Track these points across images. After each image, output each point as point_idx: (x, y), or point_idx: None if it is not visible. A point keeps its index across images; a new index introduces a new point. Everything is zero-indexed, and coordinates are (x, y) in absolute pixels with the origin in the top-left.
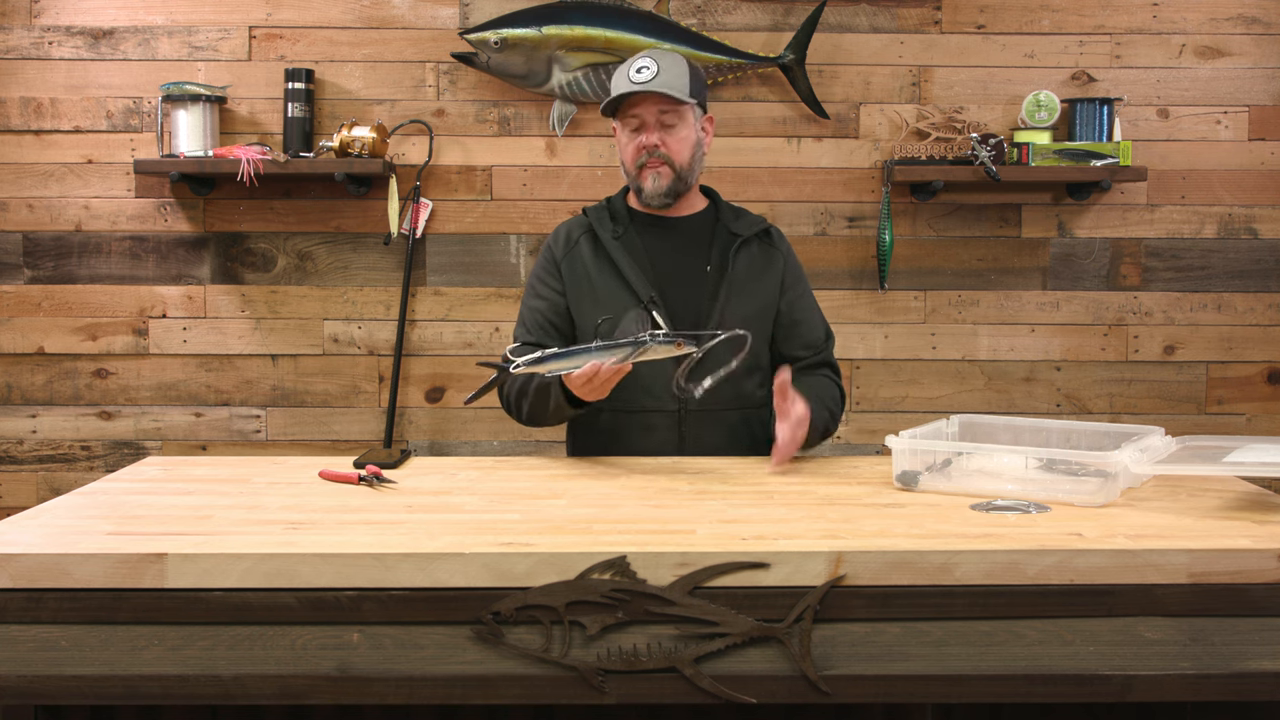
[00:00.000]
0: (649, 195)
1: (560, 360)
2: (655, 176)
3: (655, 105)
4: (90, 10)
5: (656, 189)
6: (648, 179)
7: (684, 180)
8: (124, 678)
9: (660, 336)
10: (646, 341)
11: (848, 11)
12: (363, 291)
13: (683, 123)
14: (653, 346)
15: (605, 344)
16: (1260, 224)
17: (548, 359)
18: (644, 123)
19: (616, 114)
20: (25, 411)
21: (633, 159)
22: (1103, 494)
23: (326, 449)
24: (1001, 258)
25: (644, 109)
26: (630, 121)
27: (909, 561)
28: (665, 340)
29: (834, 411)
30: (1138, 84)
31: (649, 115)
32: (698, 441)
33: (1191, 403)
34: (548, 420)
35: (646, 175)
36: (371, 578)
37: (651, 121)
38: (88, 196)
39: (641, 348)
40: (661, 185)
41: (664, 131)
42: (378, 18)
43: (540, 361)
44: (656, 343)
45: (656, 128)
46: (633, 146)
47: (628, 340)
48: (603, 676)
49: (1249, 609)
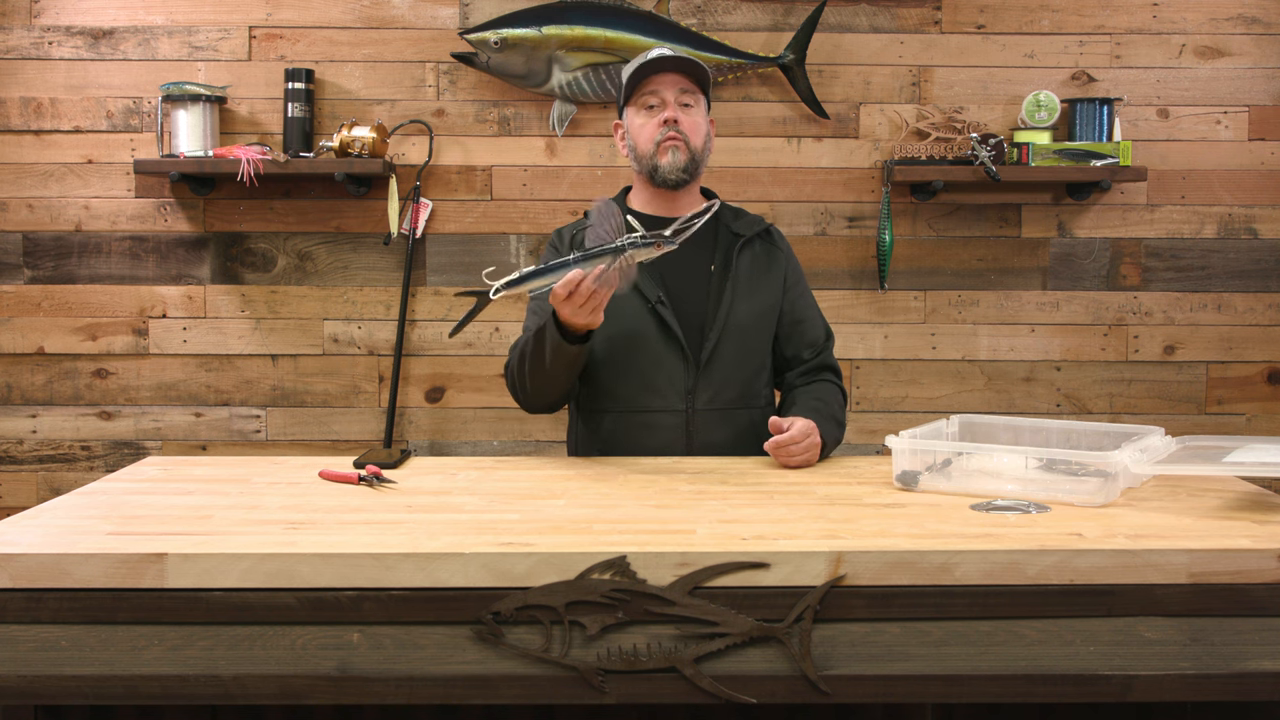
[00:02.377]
0: (667, 169)
1: (540, 277)
2: (674, 151)
3: (676, 84)
4: (90, 10)
5: (675, 163)
6: (666, 153)
7: (696, 165)
8: (124, 678)
9: (637, 239)
10: (624, 247)
11: (848, 11)
12: (363, 291)
13: (698, 107)
14: (632, 251)
15: (584, 254)
16: (1260, 224)
17: (527, 277)
18: (664, 100)
19: (633, 98)
20: (25, 411)
21: (651, 136)
22: (1103, 494)
23: (326, 449)
24: (1001, 258)
25: (665, 86)
26: (648, 99)
27: (909, 561)
28: (645, 242)
29: (840, 420)
30: (1138, 84)
31: (669, 93)
32: (706, 441)
33: (1191, 403)
34: (550, 371)
35: (665, 150)
36: (371, 578)
37: (671, 99)
38: (88, 196)
39: (621, 254)
40: (680, 160)
41: (682, 111)
42: (378, 18)
43: (519, 282)
44: (635, 247)
45: (675, 105)
46: (652, 124)
47: (607, 248)
48: (603, 676)
49: (1249, 609)
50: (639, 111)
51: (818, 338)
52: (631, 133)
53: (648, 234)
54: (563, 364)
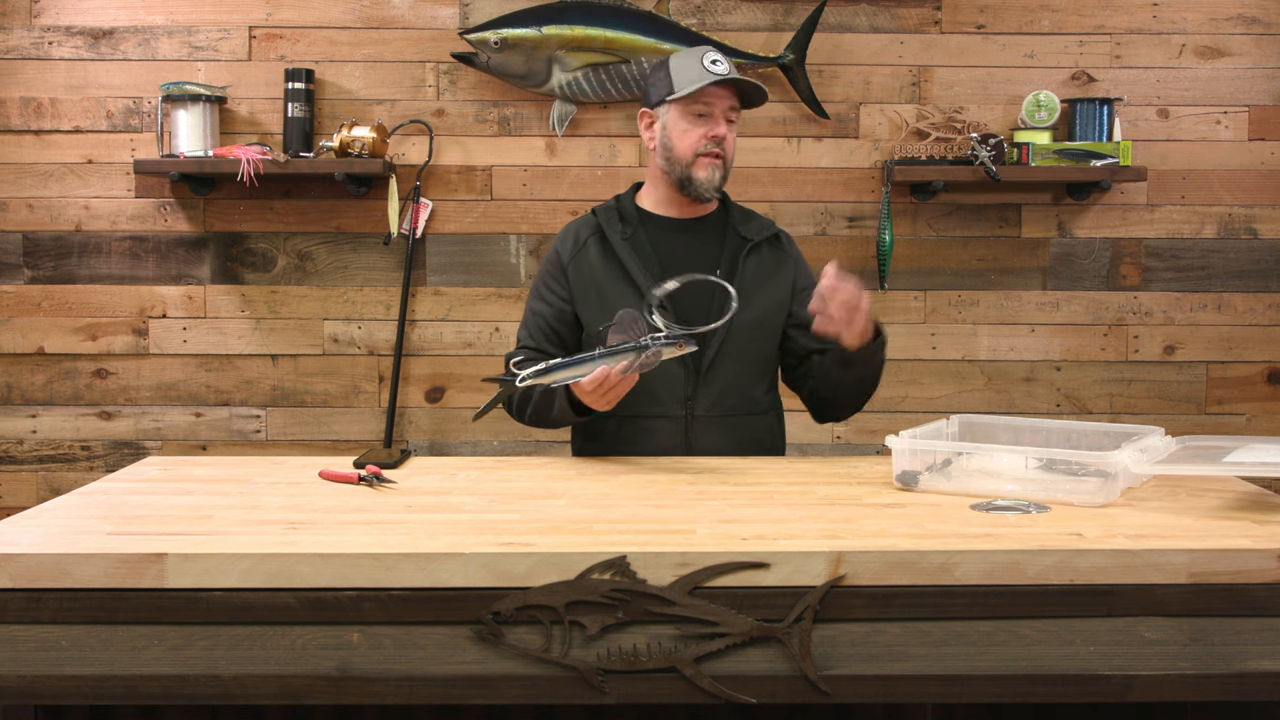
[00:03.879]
0: (703, 185)
1: (565, 370)
2: (713, 168)
3: (729, 100)
4: (90, 10)
5: (711, 180)
6: (704, 168)
7: (726, 180)
8: (124, 678)
9: (661, 339)
10: (649, 346)
11: (848, 11)
12: (363, 291)
13: (737, 125)
14: (656, 350)
15: (609, 350)
16: (1260, 224)
17: (553, 369)
18: (714, 113)
19: (684, 100)
20: (25, 411)
21: (693, 145)
22: (1103, 494)
23: (326, 449)
24: (1001, 258)
25: (720, 100)
26: (697, 107)
27: (909, 561)
28: (668, 342)
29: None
30: (1138, 84)
31: (720, 108)
32: (705, 448)
33: (1191, 403)
34: (551, 425)
35: (704, 164)
36: (371, 578)
37: (719, 114)
38: (88, 196)
39: (645, 352)
40: (716, 178)
41: (727, 127)
42: (378, 18)
43: (546, 373)
44: (658, 345)
45: (723, 121)
46: (696, 134)
47: (630, 346)
48: (603, 676)
49: (1249, 609)
50: (685, 115)
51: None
52: (671, 132)
53: (670, 335)
54: (568, 421)
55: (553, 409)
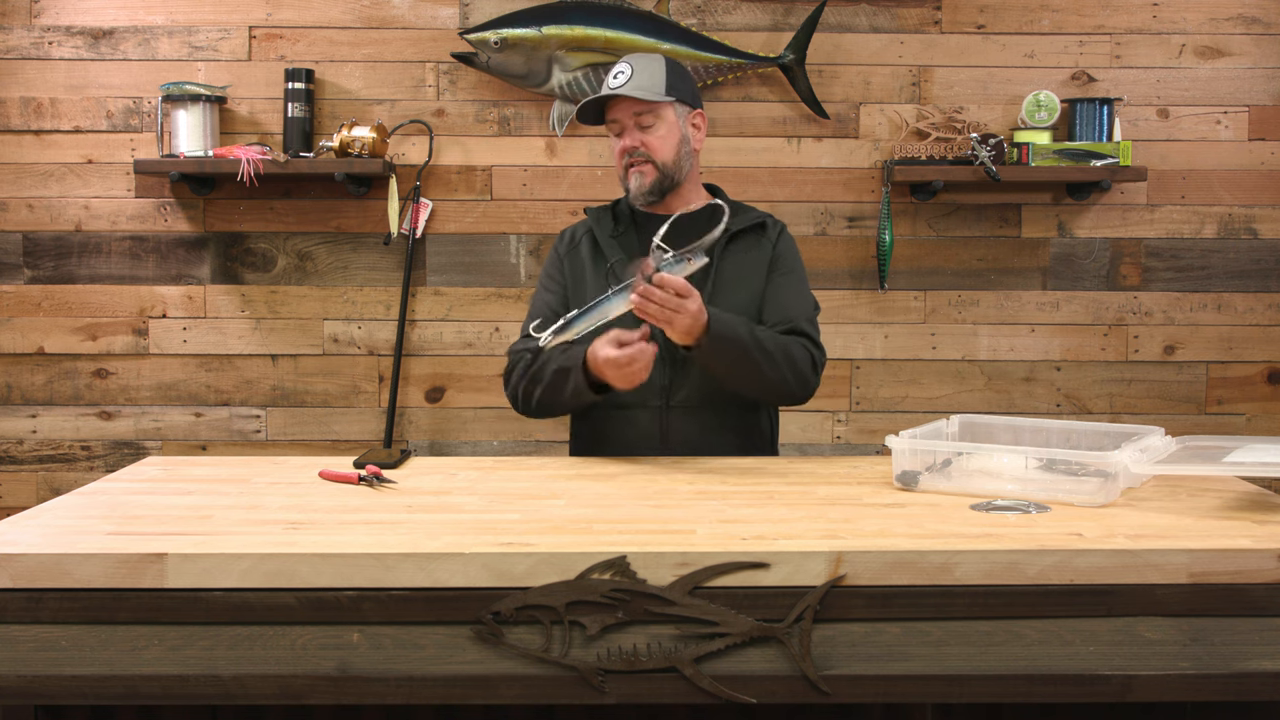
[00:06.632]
0: (633, 195)
1: (583, 319)
2: (639, 176)
3: (630, 108)
4: (90, 10)
5: (640, 188)
6: (632, 179)
7: (669, 177)
8: (124, 678)
9: (669, 261)
10: (659, 268)
11: (848, 11)
12: (363, 291)
13: (661, 121)
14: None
15: (622, 285)
16: (1260, 224)
17: (571, 322)
18: (623, 126)
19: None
20: (25, 411)
21: (619, 162)
22: (1103, 494)
23: (326, 449)
24: (1001, 258)
25: (620, 113)
26: (613, 126)
27: (909, 561)
28: (677, 261)
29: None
30: (1138, 84)
31: (626, 119)
32: (682, 439)
33: (1191, 403)
34: (561, 406)
35: (631, 175)
36: (371, 578)
37: (629, 124)
38: (88, 196)
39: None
40: (645, 184)
41: (642, 132)
42: (378, 18)
43: (566, 327)
44: (668, 266)
45: (635, 129)
46: (617, 149)
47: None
48: (603, 676)
49: (1249, 609)
50: (609, 133)
51: (790, 315)
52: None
53: (677, 253)
54: (580, 402)
55: (565, 390)
